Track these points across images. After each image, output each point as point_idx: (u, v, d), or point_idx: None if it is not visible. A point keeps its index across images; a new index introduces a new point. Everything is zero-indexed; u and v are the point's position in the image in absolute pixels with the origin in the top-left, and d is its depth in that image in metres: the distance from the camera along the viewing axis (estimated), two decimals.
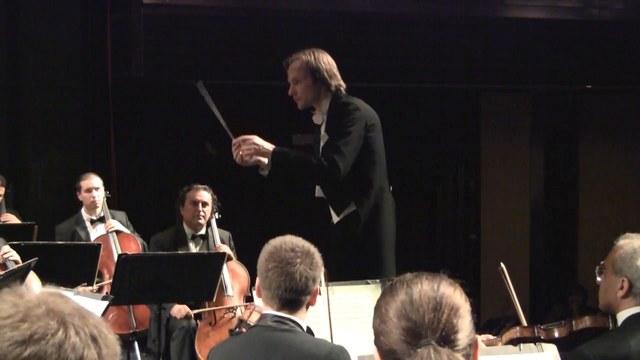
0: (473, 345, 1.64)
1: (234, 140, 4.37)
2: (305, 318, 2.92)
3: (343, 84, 4.43)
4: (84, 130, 7.94)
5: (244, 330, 3.29)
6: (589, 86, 9.70)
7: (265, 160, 4.32)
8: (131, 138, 8.59)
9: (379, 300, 1.70)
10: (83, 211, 6.40)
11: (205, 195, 5.93)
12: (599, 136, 10.15)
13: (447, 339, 1.60)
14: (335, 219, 4.39)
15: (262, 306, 2.96)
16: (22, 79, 7.78)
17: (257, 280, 2.93)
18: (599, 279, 3.16)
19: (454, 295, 1.65)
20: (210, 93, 4.54)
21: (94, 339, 1.23)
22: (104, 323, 1.28)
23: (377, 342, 1.67)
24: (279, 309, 2.85)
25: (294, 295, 2.83)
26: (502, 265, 3.58)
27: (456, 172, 10.25)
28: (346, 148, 4.23)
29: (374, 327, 1.68)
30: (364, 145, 4.30)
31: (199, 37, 8.18)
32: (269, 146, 4.29)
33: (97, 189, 6.34)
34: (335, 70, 4.43)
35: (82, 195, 6.36)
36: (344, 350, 2.84)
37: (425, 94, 9.72)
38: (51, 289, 1.36)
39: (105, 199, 6.38)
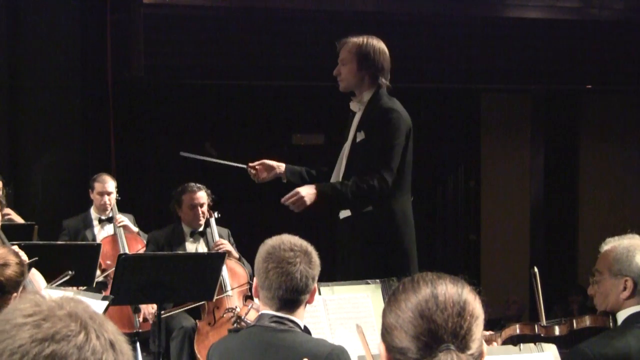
0: (481, 354, 1.65)
1: (249, 165, 4.46)
2: (304, 317, 2.91)
3: (387, 80, 4.37)
4: (84, 130, 7.94)
5: (243, 325, 3.29)
6: (589, 86, 9.70)
7: (282, 169, 4.42)
8: (131, 138, 8.58)
9: (396, 294, 1.67)
10: (92, 210, 6.39)
11: (201, 196, 5.91)
12: (599, 136, 10.15)
13: (465, 346, 1.61)
14: (345, 214, 4.36)
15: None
16: (22, 79, 7.78)
17: (255, 280, 2.91)
18: (591, 289, 3.13)
19: (475, 303, 1.66)
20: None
21: (112, 345, 1.25)
22: (120, 331, 1.30)
23: (386, 337, 1.65)
24: (278, 309, 2.84)
25: (295, 295, 2.83)
26: (535, 269, 3.57)
27: (456, 172, 10.24)
28: (392, 162, 4.21)
29: (386, 321, 1.66)
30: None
31: (199, 37, 8.18)
32: (312, 190, 4.20)
33: (109, 193, 6.32)
34: (386, 65, 4.36)
35: (94, 196, 6.35)
36: (344, 351, 2.83)
37: (425, 94, 9.72)
38: (70, 294, 1.38)
39: (115, 200, 6.38)
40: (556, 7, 8.50)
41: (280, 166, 4.46)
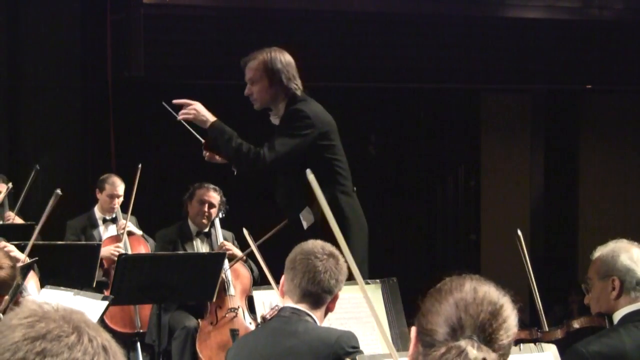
0: None
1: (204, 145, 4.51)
2: (323, 321, 2.99)
3: (300, 86, 4.30)
4: (84, 130, 7.94)
5: None
6: (589, 86, 9.71)
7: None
8: (131, 138, 8.58)
9: (440, 286, 1.75)
10: (96, 209, 6.34)
11: (214, 196, 5.90)
12: (599, 136, 10.15)
13: (488, 344, 1.65)
14: (307, 223, 4.34)
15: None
16: (22, 79, 7.78)
17: (283, 277, 3.02)
18: (587, 298, 3.15)
19: (512, 313, 1.72)
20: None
21: (105, 350, 1.28)
22: (113, 339, 1.33)
23: (420, 320, 1.73)
24: (298, 301, 2.94)
25: (316, 289, 2.92)
26: (519, 232, 3.64)
27: (456, 172, 10.24)
28: (281, 147, 4.16)
29: (424, 306, 1.74)
30: (320, 154, 4.19)
31: (199, 37, 8.18)
32: (209, 117, 4.42)
33: (119, 196, 6.27)
34: (294, 71, 4.30)
35: (103, 198, 6.26)
36: (353, 336, 2.94)
37: (425, 94, 9.72)
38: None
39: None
40: (556, 7, 8.50)
41: None
